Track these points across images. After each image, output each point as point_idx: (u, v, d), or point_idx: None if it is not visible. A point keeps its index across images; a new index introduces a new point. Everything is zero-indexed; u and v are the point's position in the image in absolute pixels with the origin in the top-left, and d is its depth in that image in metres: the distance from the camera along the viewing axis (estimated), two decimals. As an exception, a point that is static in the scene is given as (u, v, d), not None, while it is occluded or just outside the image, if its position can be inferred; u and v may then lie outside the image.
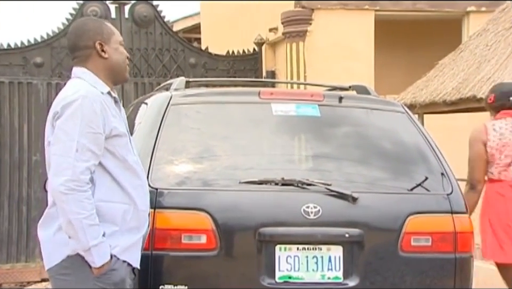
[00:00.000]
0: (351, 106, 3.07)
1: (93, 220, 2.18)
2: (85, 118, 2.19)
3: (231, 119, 2.97)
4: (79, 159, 2.17)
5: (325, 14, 6.49)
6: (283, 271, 2.67)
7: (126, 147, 2.30)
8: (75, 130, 2.18)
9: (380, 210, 2.77)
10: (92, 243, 2.17)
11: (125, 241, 2.27)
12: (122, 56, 2.35)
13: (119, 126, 2.28)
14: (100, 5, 6.41)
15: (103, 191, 2.24)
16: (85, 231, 2.16)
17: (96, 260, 2.19)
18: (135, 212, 2.29)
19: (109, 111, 2.26)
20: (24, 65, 6.21)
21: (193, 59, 6.75)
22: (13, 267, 5.89)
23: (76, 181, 2.15)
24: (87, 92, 2.23)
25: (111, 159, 2.25)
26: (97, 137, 2.20)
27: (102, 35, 2.31)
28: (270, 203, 2.72)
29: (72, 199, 2.15)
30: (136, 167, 2.32)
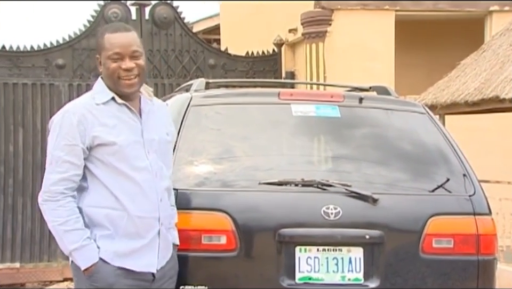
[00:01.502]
0: (372, 107, 3.06)
1: (71, 225, 2.25)
2: (61, 131, 2.28)
3: (251, 120, 2.97)
4: (53, 171, 2.28)
5: (344, 15, 6.46)
6: (303, 272, 2.66)
7: (118, 156, 2.29)
8: (51, 144, 2.30)
9: (400, 211, 2.75)
10: (71, 247, 2.26)
11: (120, 247, 2.29)
12: (108, 71, 2.33)
13: (106, 136, 2.28)
14: (121, 7, 6.46)
15: (92, 197, 2.31)
16: (62, 237, 2.27)
17: (80, 263, 2.28)
18: (130, 218, 2.30)
19: (95, 121, 2.29)
20: (47, 67, 6.28)
21: (213, 60, 6.77)
22: (35, 267, 5.97)
23: (47, 192, 2.28)
24: (72, 106, 2.34)
25: (100, 166, 2.30)
26: (74, 149, 2.27)
27: (97, 49, 2.38)
28: (289, 204, 2.72)
29: (46, 208, 2.28)
30: (133, 173, 2.30)
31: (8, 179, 6.03)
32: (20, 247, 6.00)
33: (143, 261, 2.33)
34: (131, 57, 2.33)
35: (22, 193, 6.04)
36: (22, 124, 6.13)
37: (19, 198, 6.04)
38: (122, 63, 2.32)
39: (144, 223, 2.32)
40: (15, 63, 6.19)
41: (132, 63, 2.33)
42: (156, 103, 2.50)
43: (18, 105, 6.14)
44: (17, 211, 6.03)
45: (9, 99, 6.12)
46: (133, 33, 2.37)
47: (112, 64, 2.32)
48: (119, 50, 2.32)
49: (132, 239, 2.31)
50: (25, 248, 5.99)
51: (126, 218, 2.30)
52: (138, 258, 2.32)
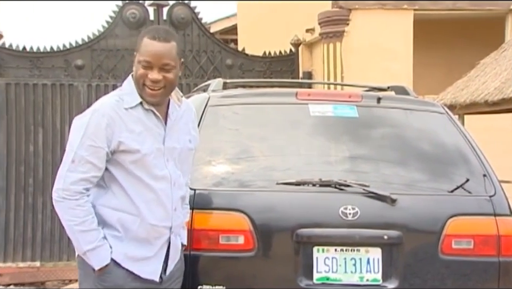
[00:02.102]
0: (390, 107, 3.04)
1: (87, 226, 2.23)
2: (88, 131, 2.23)
3: (269, 120, 2.97)
4: (74, 170, 2.23)
5: (362, 14, 6.43)
6: (321, 272, 2.66)
7: (140, 164, 2.27)
8: (76, 142, 2.24)
9: (419, 212, 2.73)
10: (87, 248, 2.24)
11: (131, 250, 2.29)
12: (136, 74, 2.30)
13: (131, 144, 2.25)
14: (139, 7, 6.49)
15: (108, 197, 2.29)
16: (78, 237, 2.24)
17: (94, 263, 2.26)
18: (142, 224, 2.29)
19: (122, 126, 2.25)
20: (66, 68, 6.34)
21: (230, 60, 6.78)
22: (55, 266, 6.03)
23: (66, 191, 2.23)
24: (101, 106, 2.28)
25: (120, 170, 2.28)
26: (98, 151, 2.24)
27: (136, 49, 2.32)
28: (307, 205, 2.71)
29: (63, 206, 2.24)
30: (151, 182, 2.28)
31: (28, 179, 6.10)
32: (40, 246, 6.06)
33: (148, 268, 2.32)
34: (160, 69, 2.27)
35: (42, 193, 6.10)
36: (42, 124, 6.19)
37: (39, 197, 6.10)
38: (150, 72, 2.27)
39: (155, 231, 2.32)
40: (36, 64, 6.25)
41: (160, 75, 2.27)
42: (183, 106, 2.45)
43: (38, 105, 6.20)
44: (37, 211, 6.10)
45: (29, 99, 6.19)
46: (171, 44, 2.29)
47: (140, 70, 2.29)
48: (150, 60, 2.27)
49: (141, 244, 2.30)
50: (45, 247, 6.05)
51: (138, 224, 2.28)
52: (145, 264, 2.31)
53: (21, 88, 6.17)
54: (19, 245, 6.02)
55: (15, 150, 6.08)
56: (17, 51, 6.21)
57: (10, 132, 6.10)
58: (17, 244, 6.02)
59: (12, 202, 6.05)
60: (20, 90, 6.16)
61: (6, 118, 6.09)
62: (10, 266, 5.95)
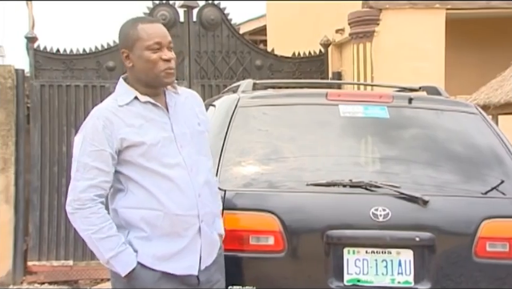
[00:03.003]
0: (422, 107, 3.01)
1: (105, 233, 2.17)
2: (87, 137, 2.20)
3: (299, 121, 2.97)
4: (80, 178, 2.19)
5: (393, 14, 6.36)
6: (351, 274, 2.64)
7: (149, 155, 2.20)
8: (78, 151, 2.22)
9: (451, 213, 2.70)
10: (108, 255, 2.17)
11: (159, 249, 2.20)
12: (147, 64, 2.22)
13: (133, 138, 2.20)
14: (169, 9, 6.55)
15: (128, 198, 2.22)
16: (97, 245, 2.18)
17: (119, 269, 2.18)
18: (167, 217, 2.20)
19: (120, 123, 2.21)
20: (98, 69, 6.43)
21: (259, 61, 6.79)
22: (87, 265, 6.11)
23: (77, 200, 2.18)
24: (95, 110, 2.26)
25: (133, 167, 2.22)
26: (101, 154, 2.19)
27: (125, 42, 2.25)
28: (337, 206, 2.70)
29: (78, 217, 2.19)
30: (166, 171, 2.21)
31: (61, 179, 6.20)
32: (73, 246, 6.15)
33: (184, 263, 2.23)
34: (168, 48, 2.24)
35: (75, 193, 6.20)
36: (74, 125, 6.28)
37: (71, 197, 6.20)
38: (162, 53, 2.22)
39: (182, 222, 2.22)
40: (69, 65, 6.35)
41: (170, 54, 2.24)
42: (182, 93, 2.37)
43: (70, 106, 6.30)
44: (70, 210, 6.19)
45: (62, 101, 6.29)
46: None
47: (152, 56, 2.21)
48: (159, 40, 2.22)
49: (170, 239, 2.21)
50: (77, 246, 6.14)
51: (163, 218, 2.20)
52: (179, 260, 2.22)
53: (54, 90, 6.28)
54: (53, 243, 6.13)
55: (49, 151, 6.19)
56: (51, 53, 6.33)
57: (44, 133, 6.22)
58: (51, 243, 6.13)
59: (46, 202, 6.16)
60: (54, 91, 6.27)
61: (41, 119, 6.21)
62: (45, 265, 6.06)
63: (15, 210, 6.03)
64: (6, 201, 5.97)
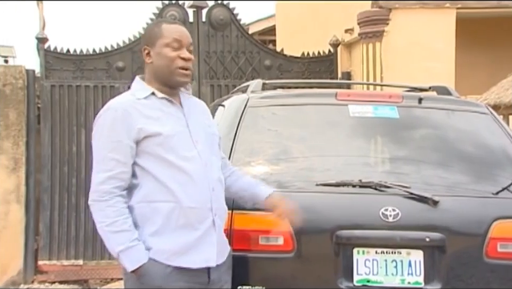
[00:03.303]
0: (432, 107, 3.00)
1: (118, 227, 2.19)
2: (104, 129, 2.23)
3: (308, 121, 2.97)
4: (100, 170, 2.22)
5: (402, 14, 6.34)
6: (361, 274, 2.64)
7: (166, 146, 2.24)
8: (96, 143, 2.26)
9: (462, 214, 2.68)
10: (118, 249, 2.20)
11: (174, 243, 2.22)
12: (165, 60, 2.29)
13: (151, 128, 2.23)
14: (179, 9, 6.56)
15: (142, 192, 2.24)
16: (109, 238, 2.21)
17: (126, 264, 2.21)
18: (181, 210, 2.22)
19: (138, 115, 2.24)
20: (107, 70, 6.45)
21: (268, 61, 6.78)
22: (97, 264, 6.13)
23: (96, 192, 2.22)
24: (112, 102, 2.29)
25: (149, 159, 2.24)
26: (118, 145, 2.21)
27: (148, 40, 2.33)
28: (347, 206, 2.70)
29: (94, 209, 2.23)
30: (182, 163, 2.24)
31: (71, 179, 6.22)
32: (83, 245, 6.17)
33: (201, 255, 2.25)
34: (188, 50, 2.32)
35: (85, 193, 6.19)
36: (84, 125, 6.31)
37: (82, 197, 6.22)
38: (181, 52, 2.29)
39: (196, 214, 2.24)
40: (79, 66, 6.38)
41: (189, 54, 2.32)
42: (193, 99, 2.46)
43: (80, 106, 6.32)
44: (80, 210, 6.21)
45: (72, 101, 6.31)
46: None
47: (171, 53, 2.28)
48: (180, 39, 2.29)
49: (185, 232, 2.23)
50: (87, 246, 6.16)
51: (178, 210, 2.22)
52: (195, 253, 2.24)
53: (64, 90, 6.31)
54: (63, 243, 6.15)
55: (59, 151, 6.22)
56: (61, 54, 6.35)
57: (54, 133, 6.25)
58: (62, 242, 6.15)
59: (56, 202, 6.19)
60: (64, 91, 6.30)
61: (51, 119, 6.24)
62: (55, 264, 6.09)
63: (26, 210, 6.06)
64: (17, 200, 6.01)
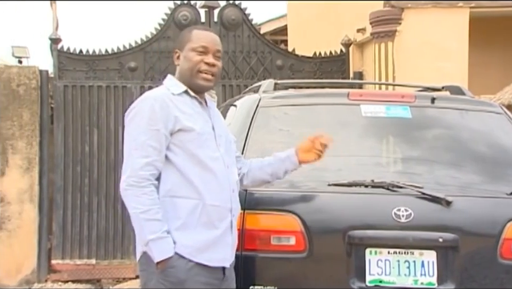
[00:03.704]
0: (445, 107, 2.98)
1: (152, 215, 2.23)
2: (144, 117, 2.30)
3: (320, 121, 2.96)
4: (138, 156, 2.27)
5: (415, 13, 6.31)
6: (373, 274, 2.63)
7: (197, 143, 2.32)
8: (135, 130, 2.31)
9: (476, 214, 2.67)
10: (150, 237, 2.22)
11: (196, 240, 2.28)
12: (189, 63, 2.39)
13: (186, 122, 2.32)
14: (191, 10, 6.57)
15: (169, 186, 2.30)
16: (142, 225, 2.24)
17: (155, 255, 2.24)
18: (204, 207, 2.30)
19: (174, 108, 2.33)
20: (120, 70, 6.48)
21: (280, 61, 6.78)
22: (110, 264, 6.16)
23: (134, 177, 2.26)
24: (149, 94, 2.38)
25: (179, 154, 2.31)
26: (156, 133, 2.28)
27: (179, 44, 2.45)
28: (359, 206, 2.69)
29: (130, 194, 2.26)
30: (209, 162, 2.33)
31: (84, 179, 6.26)
32: (95, 244, 6.20)
33: (218, 255, 2.32)
34: (214, 56, 2.41)
35: (97, 192, 6.25)
36: (97, 125, 6.34)
37: (94, 197, 6.26)
38: (206, 57, 2.39)
39: (217, 212, 2.32)
40: (91, 66, 6.41)
41: (214, 60, 2.40)
42: (213, 104, 2.56)
43: (93, 106, 6.35)
44: (92, 210, 6.25)
45: (85, 101, 6.34)
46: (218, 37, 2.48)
47: (196, 57, 2.39)
48: (206, 45, 2.40)
49: (206, 229, 2.29)
50: (100, 245, 6.19)
51: (201, 207, 2.29)
52: (213, 251, 2.30)
53: (77, 90, 6.34)
54: (76, 242, 6.19)
55: (72, 150, 6.26)
56: (74, 54, 6.39)
57: (67, 133, 6.28)
58: (74, 242, 6.19)
59: (69, 201, 6.22)
60: (77, 92, 6.34)
61: (64, 119, 6.28)
62: (68, 263, 6.13)
63: (39, 209, 6.11)
64: (31, 200, 6.05)
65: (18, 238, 5.96)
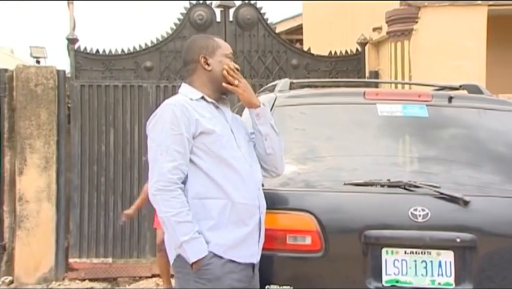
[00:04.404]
0: (462, 106, 2.96)
1: (183, 217, 2.29)
2: (166, 122, 2.37)
3: (336, 120, 2.95)
4: (164, 160, 2.33)
5: (432, 12, 6.26)
6: (390, 274, 2.61)
7: (219, 144, 2.39)
8: (158, 136, 2.37)
9: (494, 214, 2.64)
10: (183, 239, 2.28)
11: (228, 238, 2.34)
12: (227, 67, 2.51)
13: (206, 124, 2.39)
14: (206, 9, 6.59)
15: (195, 189, 2.36)
16: (174, 228, 2.29)
17: (190, 255, 2.29)
18: (233, 206, 2.36)
19: (194, 112, 2.41)
20: (136, 69, 6.51)
21: (295, 60, 6.77)
22: (126, 263, 6.20)
23: (162, 181, 2.31)
24: (168, 101, 2.45)
25: (203, 156, 2.37)
26: (180, 138, 2.35)
27: (207, 50, 2.52)
28: (375, 206, 2.68)
29: (160, 199, 2.31)
30: (233, 162, 2.40)
31: (100, 178, 6.30)
32: (112, 243, 6.24)
33: (247, 251, 2.38)
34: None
35: (113, 192, 6.30)
36: (113, 124, 6.39)
37: (110, 196, 6.30)
38: (233, 63, 2.55)
39: (246, 210, 2.38)
40: (107, 66, 6.46)
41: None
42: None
43: (109, 106, 6.39)
44: (109, 209, 6.29)
45: (101, 101, 6.39)
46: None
47: (230, 63, 2.52)
48: (231, 52, 2.57)
49: (236, 227, 2.36)
50: (116, 244, 6.24)
51: (230, 207, 2.36)
52: (243, 248, 2.36)
53: (93, 90, 6.39)
54: (92, 241, 6.24)
55: (89, 150, 6.31)
56: (90, 54, 6.44)
57: (84, 132, 6.33)
58: (91, 240, 6.24)
59: (86, 200, 6.27)
60: (93, 91, 6.39)
61: (81, 118, 6.33)
62: (85, 262, 6.18)
63: (57, 208, 6.16)
64: (48, 199, 6.11)
65: (36, 236, 6.02)
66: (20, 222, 6.01)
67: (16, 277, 5.96)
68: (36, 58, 7.15)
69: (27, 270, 5.98)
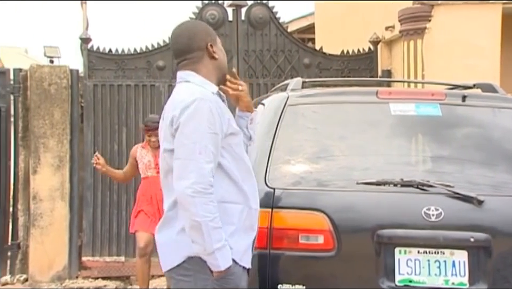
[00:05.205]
0: (476, 105, 2.93)
1: (217, 223, 2.14)
2: (203, 120, 2.16)
3: (348, 119, 2.94)
4: (203, 161, 2.13)
5: (445, 10, 6.22)
6: (403, 274, 2.60)
7: (241, 146, 2.30)
8: (196, 133, 2.15)
9: (508, 214, 2.62)
10: (216, 246, 2.13)
11: (242, 244, 2.24)
12: (225, 56, 2.39)
13: (234, 124, 2.27)
14: (218, 8, 6.59)
15: (222, 192, 2.21)
16: (210, 234, 2.12)
17: (221, 263, 2.15)
18: (249, 211, 2.27)
19: (226, 110, 2.26)
20: (148, 69, 6.54)
21: (308, 59, 6.75)
22: (138, 262, 6.22)
23: (202, 183, 2.12)
24: (201, 94, 2.21)
25: (228, 158, 2.23)
26: (215, 137, 2.17)
27: (211, 37, 2.33)
28: (388, 205, 2.67)
29: (198, 202, 2.11)
30: (249, 165, 2.32)
31: (113, 177, 6.34)
32: (125, 242, 6.27)
33: (249, 257, 2.31)
34: None
35: (126, 191, 6.32)
36: (126, 124, 6.42)
37: (123, 195, 6.33)
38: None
39: (256, 215, 2.31)
40: (120, 65, 6.49)
41: None
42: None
43: (122, 105, 6.42)
44: (121, 208, 6.32)
45: (114, 100, 6.43)
46: None
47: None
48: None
49: (247, 233, 2.27)
50: (129, 243, 6.26)
51: (246, 212, 2.25)
52: (249, 253, 2.29)
53: (106, 89, 6.42)
54: (105, 240, 6.27)
55: (101, 149, 6.34)
56: (103, 53, 6.47)
57: (97, 131, 6.37)
58: (104, 239, 6.27)
59: (99, 199, 6.31)
60: (106, 91, 6.42)
61: (93, 117, 6.36)
62: (98, 260, 6.21)
63: (70, 207, 6.20)
64: (62, 198, 6.15)
65: (50, 235, 6.06)
66: (34, 221, 6.05)
67: (30, 275, 6.01)
68: (50, 58, 7.19)
69: (41, 268, 6.02)
